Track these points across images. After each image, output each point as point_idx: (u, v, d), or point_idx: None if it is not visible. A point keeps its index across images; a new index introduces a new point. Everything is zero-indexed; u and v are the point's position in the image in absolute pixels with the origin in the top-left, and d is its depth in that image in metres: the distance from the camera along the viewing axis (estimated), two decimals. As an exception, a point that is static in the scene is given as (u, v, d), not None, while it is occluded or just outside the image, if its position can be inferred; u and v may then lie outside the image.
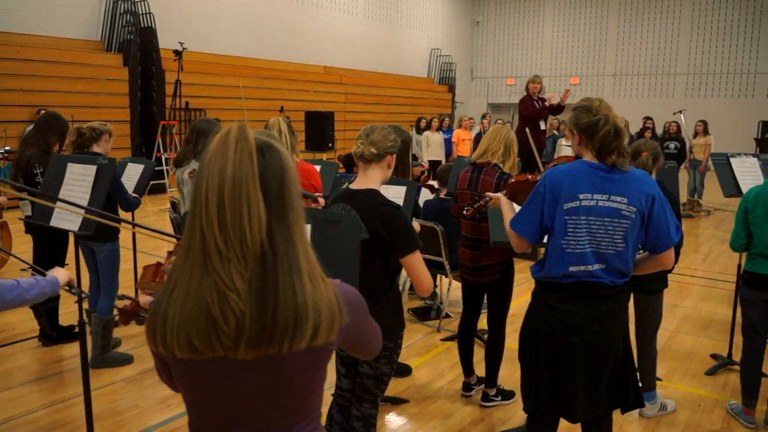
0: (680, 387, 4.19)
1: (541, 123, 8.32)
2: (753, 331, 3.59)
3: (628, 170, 2.39)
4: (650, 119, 11.69)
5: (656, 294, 3.62)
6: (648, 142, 3.63)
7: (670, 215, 2.41)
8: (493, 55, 23.11)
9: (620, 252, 2.36)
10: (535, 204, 2.46)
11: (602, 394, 2.46)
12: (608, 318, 2.40)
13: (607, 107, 2.44)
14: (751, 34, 18.50)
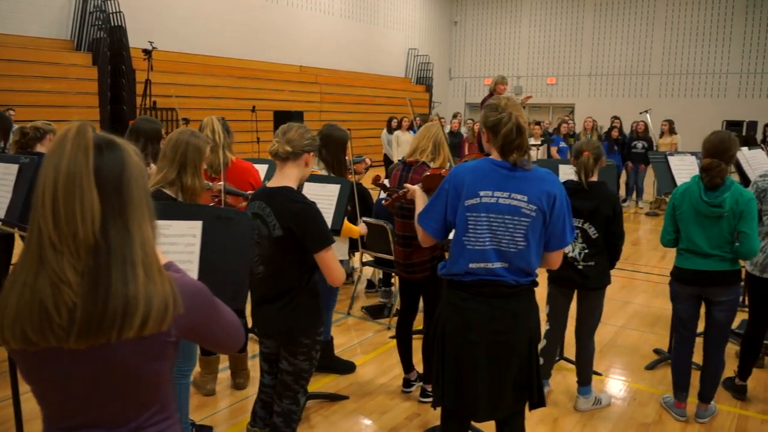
0: (619, 381, 4.26)
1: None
2: (682, 326, 3.66)
3: (531, 168, 2.42)
4: (617, 119, 11.80)
5: (599, 291, 3.66)
6: (591, 141, 3.68)
7: (568, 216, 2.44)
8: (471, 55, 23.22)
9: (521, 250, 2.36)
10: (439, 200, 2.48)
11: (507, 393, 2.45)
12: (512, 317, 2.40)
13: (514, 106, 2.47)
14: (722, 35, 18.76)
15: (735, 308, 3.53)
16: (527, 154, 2.44)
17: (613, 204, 3.51)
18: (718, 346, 3.59)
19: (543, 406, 2.59)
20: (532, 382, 2.50)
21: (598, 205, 3.47)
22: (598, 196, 3.49)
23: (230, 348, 1.47)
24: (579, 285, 3.65)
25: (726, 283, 3.45)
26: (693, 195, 3.42)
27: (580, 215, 3.51)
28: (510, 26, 22.22)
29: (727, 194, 3.28)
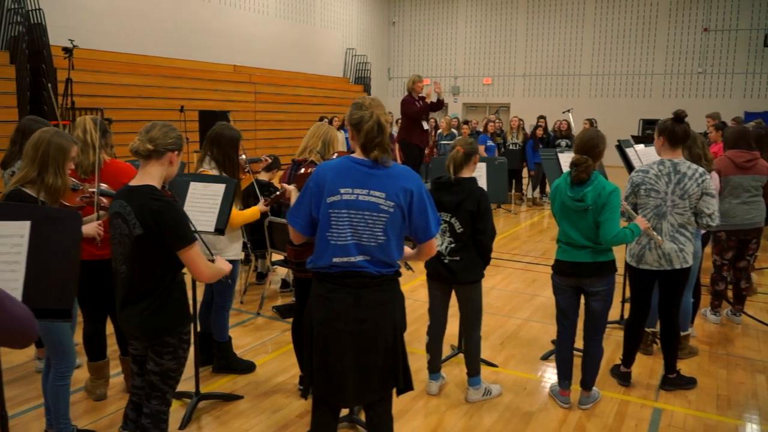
0: (513, 372, 4.38)
1: (423, 123, 8.48)
2: (563, 316, 3.80)
3: (390, 166, 2.49)
4: (543, 118, 12.10)
5: (472, 285, 3.75)
6: (465, 138, 3.78)
7: (431, 209, 2.53)
8: (409, 55, 23.41)
9: (382, 244, 2.45)
10: (305, 198, 2.54)
11: (373, 379, 2.53)
12: (376, 306, 2.48)
13: (378, 105, 2.54)
14: (647, 37, 19.48)
15: (610, 298, 3.68)
16: (388, 152, 2.50)
17: (477, 200, 3.58)
18: (595, 335, 3.74)
19: (410, 389, 2.67)
20: (397, 368, 2.58)
21: (462, 200, 3.57)
22: (463, 191, 3.58)
23: (17, 344, 1.44)
24: (447, 279, 3.75)
25: (600, 274, 3.59)
26: (561, 191, 3.56)
27: (447, 209, 3.62)
28: (447, 27, 22.50)
29: (589, 189, 3.42)
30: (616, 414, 3.79)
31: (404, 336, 2.64)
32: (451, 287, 3.81)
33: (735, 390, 4.15)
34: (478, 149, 3.71)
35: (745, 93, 18.40)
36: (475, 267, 3.71)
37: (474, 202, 3.56)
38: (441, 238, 3.70)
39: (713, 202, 3.76)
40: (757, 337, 5.12)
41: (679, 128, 3.79)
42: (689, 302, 4.61)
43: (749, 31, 18.18)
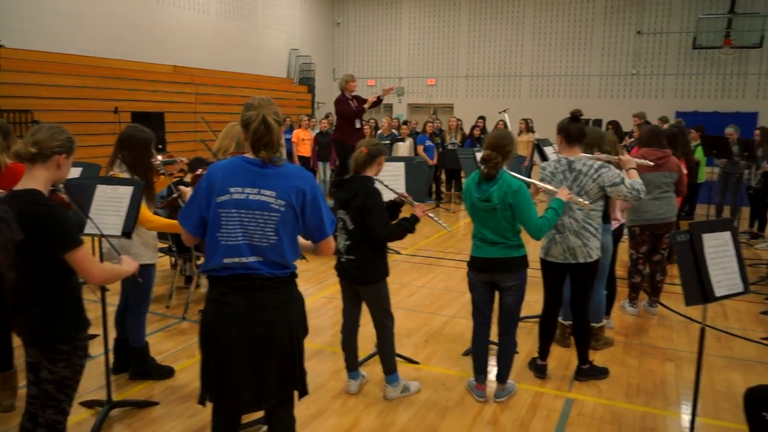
0: (434, 369, 4.44)
1: (356, 122, 8.51)
2: (478, 311, 3.88)
3: (282, 165, 2.49)
4: (482, 118, 12.31)
5: (375, 284, 3.77)
6: (371, 140, 3.81)
7: (325, 209, 2.53)
8: (354, 56, 23.41)
9: (274, 244, 2.43)
10: (196, 198, 2.51)
11: (270, 383, 2.49)
12: (270, 308, 2.45)
13: (267, 104, 2.52)
14: (584, 39, 20.02)
15: (522, 292, 3.78)
16: (279, 150, 2.51)
17: (364, 198, 3.58)
18: (508, 329, 3.84)
19: (306, 394, 2.66)
20: (295, 371, 2.55)
21: (351, 198, 3.61)
22: (352, 188, 3.62)
23: None
24: (347, 278, 3.78)
25: (511, 270, 3.68)
26: (470, 190, 3.64)
27: (341, 206, 3.67)
28: (391, 28, 22.61)
29: (494, 188, 3.51)
30: (529, 405, 3.89)
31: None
32: (354, 287, 3.84)
33: (645, 378, 4.32)
34: (384, 151, 3.75)
35: (676, 93, 19.11)
36: (371, 267, 3.71)
37: (361, 199, 3.58)
38: (339, 236, 3.73)
39: (622, 186, 3.86)
40: (671, 327, 5.34)
41: (574, 127, 3.93)
42: (602, 295, 4.76)
43: (679, 34, 18.90)
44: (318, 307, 5.77)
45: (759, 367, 4.56)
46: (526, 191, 3.56)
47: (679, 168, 5.14)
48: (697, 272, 2.91)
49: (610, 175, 3.88)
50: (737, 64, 18.42)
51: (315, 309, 5.72)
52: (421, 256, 7.88)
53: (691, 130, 10.02)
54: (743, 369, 4.51)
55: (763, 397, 2.74)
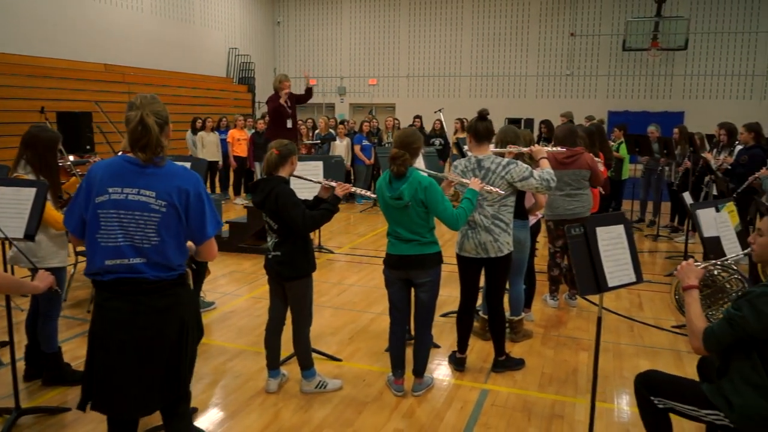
0: (356, 365, 4.49)
1: (288, 121, 8.48)
2: (394, 308, 3.95)
3: (164, 165, 2.45)
4: (419, 118, 12.47)
5: (301, 280, 3.80)
6: (282, 141, 3.82)
7: (209, 210, 2.49)
8: (295, 55, 23.28)
9: (156, 246, 2.38)
10: (78, 199, 2.45)
11: (157, 388, 2.46)
12: (157, 313, 2.41)
13: (150, 103, 2.47)
14: (520, 41, 20.51)
15: (436, 288, 3.87)
16: (160, 150, 2.45)
17: (276, 197, 3.60)
18: (424, 325, 3.92)
19: (186, 401, 2.64)
20: (179, 377, 2.51)
21: (264, 199, 3.64)
22: (265, 189, 3.65)
23: None
24: (274, 275, 3.81)
25: (425, 266, 3.77)
26: (382, 189, 3.71)
27: (258, 207, 3.71)
28: (332, 28, 22.59)
29: (404, 186, 3.58)
30: (446, 398, 3.99)
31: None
32: (281, 283, 3.85)
33: (558, 367, 4.49)
34: (294, 151, 3.77)
35: (608, 94, 19.81)
36: (296, 263, 3.75)
37: (273, 200, 3.61)
38: (269, 235, 3.76)
39: (532, 179, 4.01)
40: (588, 318, 5.55)
41: (482, 126, 4.06)
42: (521, 289, 4.92)
43: (610, 36, 19.58)
44: (246, 308, 5.74)
45: (667, 354, 4.79)
46: (437, 186, 3.65)
47: (590, 165, 5.35)
48: (591, 264, 3.06)
49: (518, 170, 4.01)
50: (664, 65, 19.23)
51: (243, 309, 5.70)
52: (355, 255, 7.92)
53: (615, 128, 10.44)
54: (652, 356, 4.73)
55: (652, 383, 2.89)
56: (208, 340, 4.88)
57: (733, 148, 7.52)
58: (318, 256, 7.77)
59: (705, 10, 18.69)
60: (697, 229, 3.98)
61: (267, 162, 3.68)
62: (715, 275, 3.02)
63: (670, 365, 4.52)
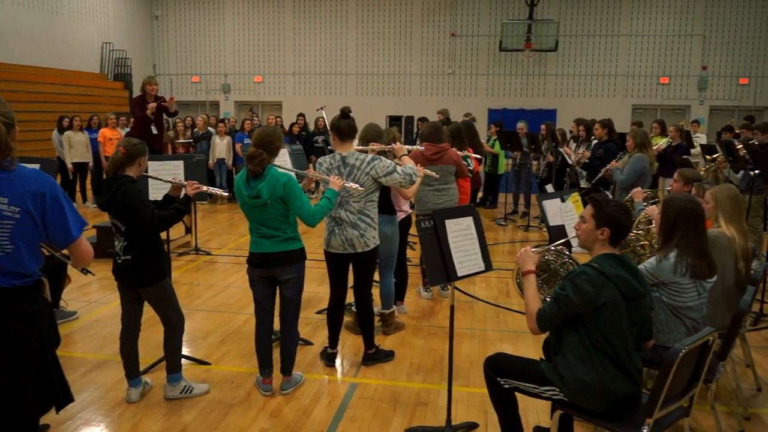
0: (226, 368, 4.42)
1: (153, 127, 8.14)
2: (259, 306, 3.92)
3: (14, 168, 2.31)
4: (302, 116, 12.42)
5: (156, 284, 3.67)
6: (130, 140, 3.69)
7: (69, 212, 2.38)
8: (176, 51, 22.39)
9: (10, 253, 2.27)
10: None
11: (25, 398, 2.34)
12: (16, 320, 2.30)
13: None
14: (404, 40, 20.92)
15: (301, 285, 3.88)
16: (9, 153, 2.30)
17: (122, 197, 3.47)
18: (290, 322, 3.93)
19: (70, 401, 2.53)
20: (53, 383, 2.42)
21: (109, 200, 3.52)
22: (110, 190, 3.53)
23: None
24: (125, 280, 3.68)
25: (288, 263, 3.77)
26: (240, 188, 3.68)
27: (103, 209, 3.56)
28: (214, 23, 21.92)
29: (263, 184, 3.57)
30: (315, 394, 4.01)
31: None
32: (134, 289, 3.71)
33: (426, 357, 4.65)
34: (144, 151, 3.64)
35: (488, 92, 20.66)
36: (149, 267, 3.61)
37: (120, 200, 3.49)
38: (116, 238, 3.61)
39: (395, 174, 4.11)
40: (458, 308, 5.74)
41: (344, 124, 4.12)
42: (391, 283, 5.04)
43: (488, 37, 20.42)
44: (113, 316, 5.46)
45: (528, 338, 5.08)
46: (296, 182, 3.66)
47: (456, 160, 5.57)
48: (441, 255, 3.19)
49: (382, 166, 4.11)
50: (538, 65, 20.33)
51: (109, 317, 5.43)
52: (233, 256, 7.77)
53: (491, 125, 10.95)
54: (515, 340, 5.01)
55: (498, 365, 3.07)
56: (68, 352, 4.61)
57: (590, 143, 8.09)
58: (195, 259, 7.58)
59: (572, 13, 19.95)
60: (543, 218, 4.26)
61: (113, 161, 3.52)
62: (550, 260, 3.24)
63: (530, 348, 4.80)
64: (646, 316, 2.85)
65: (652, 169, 6.49)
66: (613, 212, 2.79)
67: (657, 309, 3.33)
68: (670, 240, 3.33)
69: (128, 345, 3.80)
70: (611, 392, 2.71)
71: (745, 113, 15.61)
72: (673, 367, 2.48)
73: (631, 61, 19.85)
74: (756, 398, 4.06)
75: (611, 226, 2.78)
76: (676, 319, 3.35)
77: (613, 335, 2.70)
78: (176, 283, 6.41)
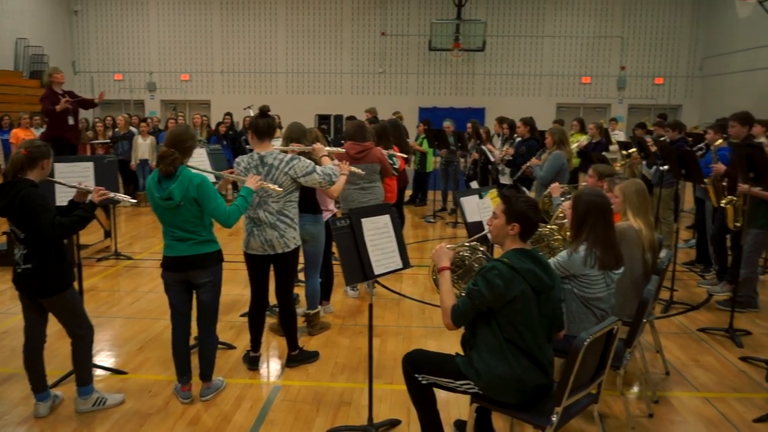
0: (143, 377, 4.26)
1: (69, 118, 7.81)
2: (175, 311, 3.80)
3: None
4: (229, 115, 12.17)
5: (60, 294, 3.48)
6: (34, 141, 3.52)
7: None
8: (97, 47, 21.47)
9: None
10: None
11: None
12: None
13: None
14: (335, 38, 20.84)
15: (218, 288, 3.79)
16: None
17: (21, 202, 3.30)
18: (208, 327, 3.83)
19: None
20: None
21: (7, 204, 3.34)
22: (9, 194, 3.35)
23: None
24: (26, 290, 3.50)
25: (204, 266, 3.67)
26: (151, 189, 3.55)
27: (1, 214, 3.37)
28: (138, 19, 21.15)
29: (174, 185, 3.46)
30: (236, 399, 3.93)
31: None
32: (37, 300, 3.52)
33: (351, 356, 4.63)
34: (48, 154, 3.45)
35: (418, 91, 20.86)
36: (52, 276, 3.43)
37: (17, 205, 3.31)
38: (16, 246, 3.42)
39: (315, 175, 4.07)
40: (385, 306, 5.80)
41: (263, 122, 4.06)
42: (316, 282, 5.00)
43: (418, 36, 20.60)
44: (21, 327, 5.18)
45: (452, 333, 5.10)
46: (209, 183, 3.56)
47: (380, 158, 5.58)
48: (358, 253, 3.18)
49: (301, 166, 4.06)
50: (466, 65, 20.68)
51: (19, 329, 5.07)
52: (156, 260, 7.51)
53: (420, 123, 11.05)
54: (438, 336, 5.06)
55: (415, 361, 3.09)
56: (-30, 367, 4.34)
57: (514, 141, 8.29)
58: (114, 264, 7.30)
59: (499, 14, 20.39)
60: (462, 215, 4.32)
61: (12, 163, 3.32)
62: (465, 256, 3.29)
63: (454, 343, 4.81)
64: (556, 308, 2.93)
65: (570, 165, 6.70)
66: (522, 208, 2.85)
67: (568, 300, 3.44)
68: (580, 233, 3.44)
69: (32, 358, 3.61)
70: (523, 383, 2.78)
71: (660, 111, 16.36)
72: (578, 357, 2.57)
73: (555, 62, 20.49)
74: (664, 382, 4.26)
75: (521, 221, 2.84)
76: (586, 310, 3.46)
77: (524, 328, 2.77)
78: (94, 290, 6.19)
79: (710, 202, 6.34)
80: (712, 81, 19.39)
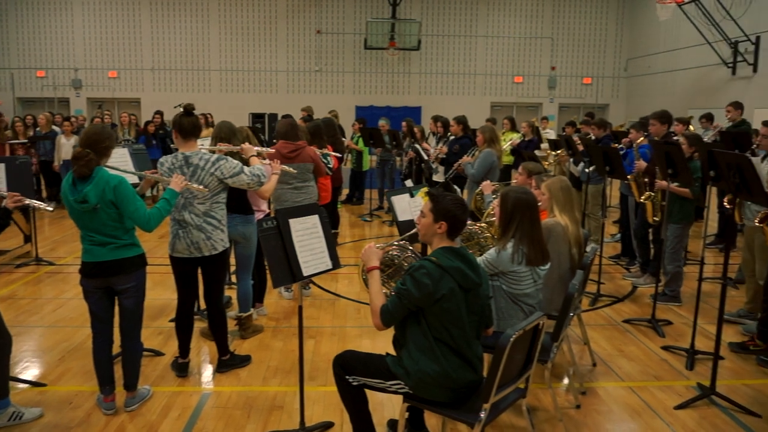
0: (64, 388, 4.06)
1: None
2: (97, 319, 3.63)
3: None
4: (159, 113, 11.79)
5: None
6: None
7: None
8: (17, 43, 20.37)
9: None
10: None
11: None
12: None
13: None
14: (270, 36, 20.53)
15: (141, 293, 3.64)
16: None
17: None
18: (132, 334, 3.68)
19: None
20: None
21: None
22: None
23: None
24: None
25: (126, 271, 3.52)
26: (66, 192, 3.38)
27: None
28: (62, 13, 20.19)
29: (89, 188, 3.30)
30: (163, 408, 3.79)
31: None
32: None
33: (284, 359, 4.56)
34: None
35: (354, 90, 20.83)
36: None
37: None
38: None
39: (243, 175, 3.96)
40: (320, 306, 5.75)
41: (187, 121, 3.93)
42: (248, 284, 4.89)
43: (354, 35, 20.57)
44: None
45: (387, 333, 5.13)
46: (128, 185, 3.41)
47: (313, 158, 5.52)
48: (285, 255, 3.12)
49: (228, 167, 3.95)
50: (402, 63, 20.80)
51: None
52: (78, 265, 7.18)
53: (354, 122, 11.02)
54: (373, 335, 5.04)
55: (346, 363, 3.06)
56: None
57: (447, 139, 8.38)
58: (35, 270, 6.95)
59: (433, 14, 20.60)
60: (392, 213, 4.32)
61: None
62: (394, 255, 3.29)
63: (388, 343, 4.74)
64: (485, 305, 2.96)
65: (500, 163, 6.82)
66: (449, 206, 2.86)
67: (497, 297, 3.49)
68: (508, 230, 3.50)
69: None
70: (453, 381, 2.79)
71: (588, 110, 16.93)
72: (504, 353, 2.60)
73: (489, 61, 20.89)
74: (591, 373, 4.39)
75: (448, 219, 2.85)
76: (515, 306, 3.52)
77: (453, 325, 2.78)
78: (12, 298, 5.87)
79: (633, 198, 6.58)
80: (636, 81, 20.23)
